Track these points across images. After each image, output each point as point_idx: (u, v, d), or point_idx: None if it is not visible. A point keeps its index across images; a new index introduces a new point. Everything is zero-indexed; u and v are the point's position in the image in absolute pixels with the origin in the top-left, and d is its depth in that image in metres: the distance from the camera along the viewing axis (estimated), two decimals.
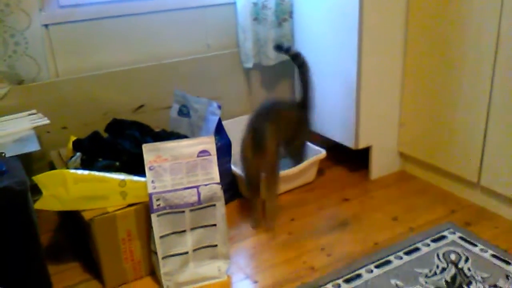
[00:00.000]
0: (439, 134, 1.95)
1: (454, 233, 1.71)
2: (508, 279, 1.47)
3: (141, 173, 1.47)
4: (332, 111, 2.09)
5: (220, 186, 1.49)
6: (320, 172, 2.17)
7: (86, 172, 1.48)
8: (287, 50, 1.93)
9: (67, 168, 1.63)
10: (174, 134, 1.83)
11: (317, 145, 2.11)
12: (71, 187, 1.43)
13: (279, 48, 1.96)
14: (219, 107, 1.80)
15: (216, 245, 1.52)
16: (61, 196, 1.41)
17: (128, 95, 2.01)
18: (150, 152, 1.47)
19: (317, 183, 2.14)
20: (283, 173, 1.88)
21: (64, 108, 1.90)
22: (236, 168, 1.91)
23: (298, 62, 1.91)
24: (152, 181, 1.44)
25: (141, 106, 2.04)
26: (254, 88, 2.34)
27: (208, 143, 1.51)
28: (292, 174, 1.97)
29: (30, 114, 1.73)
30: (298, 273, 1.54)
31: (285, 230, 1.78)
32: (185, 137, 1.79)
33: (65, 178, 1.43)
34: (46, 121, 1.65)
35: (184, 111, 1.93)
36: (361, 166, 2.18)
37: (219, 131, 1.81)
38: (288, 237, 1.74)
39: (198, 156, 1.48)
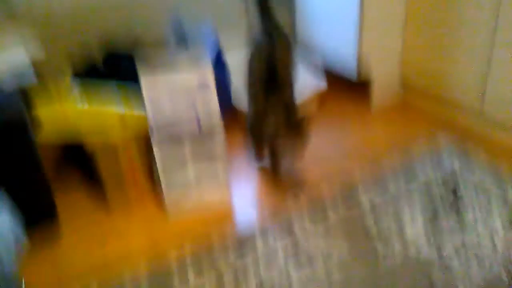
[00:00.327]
0: (442, 62, 1.92)
1: (452, 159, 1.73)
2: (504, 201, 1.50)
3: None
4: (334, 44, 2.05)
5: (219, 117, 1.50)
6: (320, 103, 2.16)
7: (87, 105, 1.48)
8: None
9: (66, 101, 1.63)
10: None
11: (318, 77, 2.09)
12: (73, 120, 1.44)
13: None
14: (218, 38, 1.77)
15: (217, 174, 1.56)
16: (63, 129, 1.43)
17: (124, 26, 1.97)
18: (148, 83, 1.46)
19: (317, 114, 2.14)
20: None
21: (60, 39, 1.87)
22: (237, 101, 1.91)
23: None
24: (152, 112, 1.45)
25: (137, 38, 2.01)
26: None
27: (207, 74, 1.50)
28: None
29: (24, 46, 1.70)
30: (296, 202, 1.58)
31: None
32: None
33: (66, 112, 1.44)
34: (41, 53, 1.63)
35: (181, 42, 1.90)
36: (362, 97, 2.17)
37: (219, 62, 1.79)
38: None
39: (197, 88, 1.48)
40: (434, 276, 1.25)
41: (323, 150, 1.87)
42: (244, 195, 1.63)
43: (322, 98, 2.14)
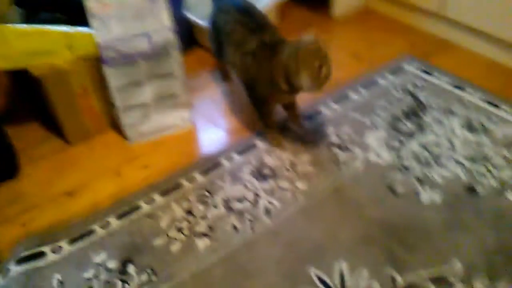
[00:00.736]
0: None
1: (412, 64, 1.72)
2: (461, 103, 1.52)
3: (87, 25, 1.37)
4: None
5: (173, 32, 1.41)
6: (282, 13, 2.08)
7: (27, 26, 1.37)
8: None
9: (6, 23, 1.50)
10: None
11: None
12: (13, 42, 1.33)
13: None
14: None
15: (176, 94, 1.50)
16: (3, 53, 1.32)
17: None
18: None
19: (279, 25, 2.06)
20: None
21: None
22: (191, 15, 1.80)
23: None
24: (98, 31, 1.35)
25: None
26: None
27: None
28: None
29: None
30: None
31: None
32: None
33: (4, 34, 1.33)
34: None
35: None
36: (323, 4, 2.09)
37: None
38: None
39: (145, 1, 1.38)
40: (394, 178, 1.29)
41: None
42: (206, 115, 1.60)
43: (283, 8, 2.05)
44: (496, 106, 1.51)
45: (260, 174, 1.34)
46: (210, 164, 1.39)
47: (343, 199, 1.25)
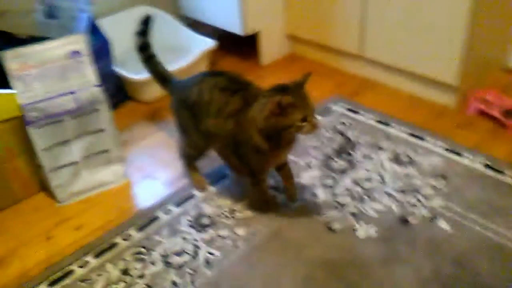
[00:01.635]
0: (322, 11, 1.95)
1: (340, 105, 1.80)
2: (388, 139, 1.60)
3: (8, 86, 1.33)
4: (219, 2, 2.00)
5: (100, 88, 1.40)
6: (212, 64, 2.12)
7: None
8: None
9: None
10: (43, 38, 1.65)
11: (206, 35, 2.04)
12: None
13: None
14: (90, 2, 1.63)
15: (108, 150, 1.47)
16: None
17: None
18: (13, 59, 1.32)
19: None
20: (171, 69, 1.80)
21: None
22: (121, 70, 1.80)
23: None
24: (21, 92, 1.31)
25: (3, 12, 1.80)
26: None
27: (78, 42, 1.38)
28: (183, 69, 1.90)
29: None
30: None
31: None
32: None
33: None
34: None
35: (50, 12, 1.74)
36: (252, 53, 2.16)
37: (94, 30, 1.66)
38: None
39: (69, 58, 1.36)
40: (330, 216, 1.31)
41: None
42: (141, 169, 1.57)
43: (212, 56, 2.09)
44: (420, 138, 1.59)
45: (198, 224, 1.32)
46: (146, 219, 1.35)
47: (283, 241, 1.25)
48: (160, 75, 1.45)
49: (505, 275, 1.12)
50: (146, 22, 1.41)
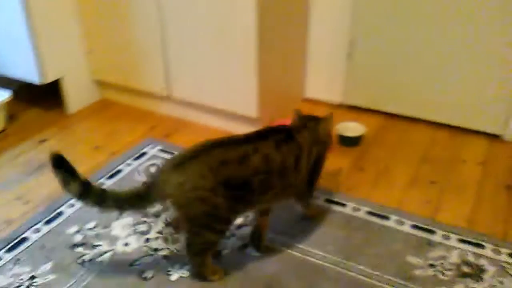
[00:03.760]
0: (127, 56, 1.93)
1: (154, 147, 1.78)
2: None
3: None
4: (11, 51, 1.84)
5: None
6: (11, 117, 1.93)
7: None
8: None
9: None
10: None
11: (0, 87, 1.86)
12: None
13: None
14: None
15: None
16: None
17: None
18: None
19: (10, 130, 1.90)
20: None
21: None
22: None
23: None
24: None
25: None
26: None
27: None
28: None
29: None
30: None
31: None
32: None
33: None
34: None
35: None
36: (58, 102, 2.03)
37: None
38: None
39: None
40: (144, 263, 1.25)
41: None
42: None
43: (9, 109, 1.90)
44: None
45: None
46: None
47: None
48: (136, 195, 1.12)
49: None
50: (61, 163, 1.08)
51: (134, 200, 1.11)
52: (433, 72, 1.81)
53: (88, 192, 1.08)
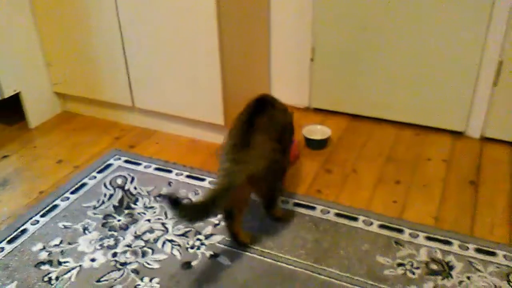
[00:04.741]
0: (88, 68, 1.90)
1: (119, 158, 1.74)
2: (170, 185, 1.59)
3: None
4: None
5: None
6: None
7: None
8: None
9: None
10: None
11: None
12: None
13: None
14: None
15: None
16: None
17: None
18: None
19: None
20: None
21: None
22: None
23: None
24: None
25: None
26: None
27: None
28: None
29: None
30: None
31: None
32: None
33: None
34: None
35: None
36: (19, 117, 1.97)
37: None
38: None
39: None
40: (111, 279, 1.22)
41: None
42: None
43: None
44: (200, 179, 1.62)
45: None
46: None
47: None
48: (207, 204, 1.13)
49: None
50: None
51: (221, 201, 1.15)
52: (395, 74, 1.85)
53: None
